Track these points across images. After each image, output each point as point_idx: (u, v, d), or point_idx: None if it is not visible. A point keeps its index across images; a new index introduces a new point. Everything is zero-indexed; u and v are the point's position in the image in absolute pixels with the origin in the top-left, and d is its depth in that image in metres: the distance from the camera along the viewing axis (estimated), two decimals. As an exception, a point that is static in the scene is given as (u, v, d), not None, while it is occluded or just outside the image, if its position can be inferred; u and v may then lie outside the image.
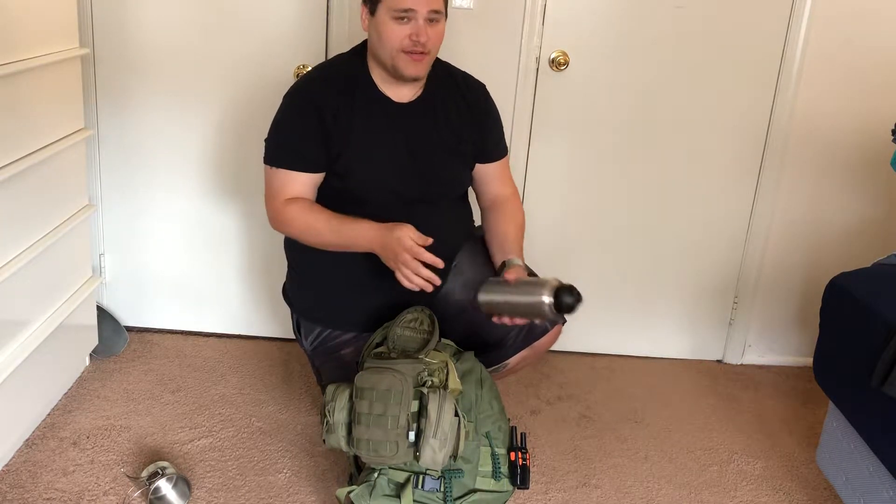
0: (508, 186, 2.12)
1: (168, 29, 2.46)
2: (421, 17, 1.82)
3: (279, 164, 1.92)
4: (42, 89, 2.05)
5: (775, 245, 2.73)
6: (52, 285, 2.21)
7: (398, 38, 1.83)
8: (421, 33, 1.83)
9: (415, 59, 1.85)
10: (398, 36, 1.83)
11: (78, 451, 2.12)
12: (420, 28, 1.83)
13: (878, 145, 2.51)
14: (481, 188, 2.11)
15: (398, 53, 1.85)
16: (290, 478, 2.09)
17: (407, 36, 1.83)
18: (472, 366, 1.88)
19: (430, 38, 1.85)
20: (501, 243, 2.02)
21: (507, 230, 2.04)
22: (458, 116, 2.00)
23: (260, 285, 2.71)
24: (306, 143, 1.90)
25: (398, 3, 1.81)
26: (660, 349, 2.86)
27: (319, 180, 1.94)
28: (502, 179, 2.11)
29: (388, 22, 1.83)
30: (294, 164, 1.91)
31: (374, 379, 1.70)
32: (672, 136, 2.61)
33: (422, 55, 1.85)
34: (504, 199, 2.09)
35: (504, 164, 2.12)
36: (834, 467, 2.00)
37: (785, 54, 2.52)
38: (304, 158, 1.91)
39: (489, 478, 1.80)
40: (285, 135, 1.93)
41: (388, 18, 1.83)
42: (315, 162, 1.91)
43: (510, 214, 2.07)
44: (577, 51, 2.50)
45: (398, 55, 1.85)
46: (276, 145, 1.94)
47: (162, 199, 2.63)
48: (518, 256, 1.99)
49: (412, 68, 1.87)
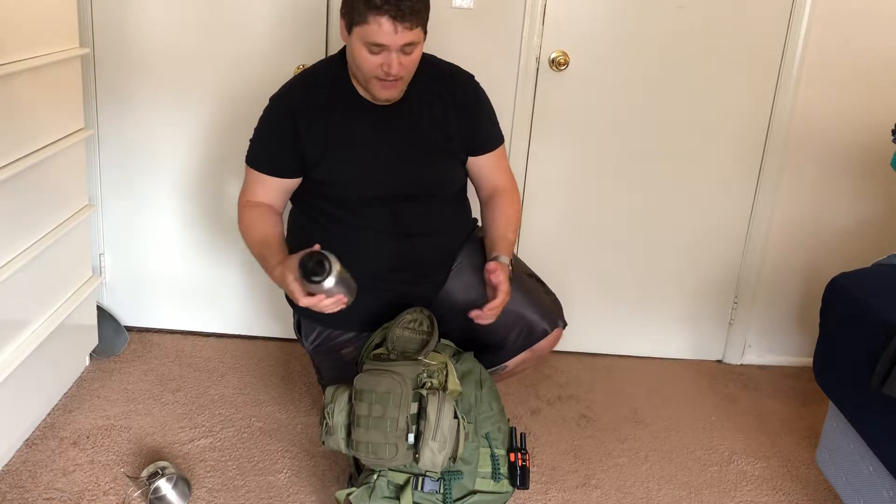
0: (506, 178, 2.08)
1: (168, 29, 2.46)
2: (393, 50, 1.77)
3: (252, 164, 1.97)
4: (42, 89, 2.05)
5: (775, 245, 2.73)
6: (52, 285, 2.21)
7: (370, 67, 1.80)
8: (393, 65, 1.78)
9: (386, 86, 1.84)
10: (370, 64, 1.80)
11: (78, 451, 2.12)
12: (392, 60, 1.78)
13: (878, 145, 2.51)
14: (478, 181, 2.09)
15: (371, 79, 1.83)
16: (289, 478, 2.09)
17: (378, 65, 1.79)
18: (472, 366, 1.88)
19: (404, 67, 1.81)
20: (493, 238, 2.01)
21: (497, 225, 2.02)
22: (444, 112, 1.97)
23: (260, 285, 2.71)
24: (278, 150, 1.93)
25: (369, 36, 1.76)
26: (660, 349, 2.86)
27: (290, 186, 1.96)
28: (499, 170, 2.08)
29: (360, 48, 1.79)
30: (265, 168, 1.95)
31: (373, 381, 1.70)
32: (672, 135, 2.61)
33: (395, 82, 1.84)
34: (500, 192, 2.06)
35: (499, 154, 2.08)
36: (834, 467, 2.00)
37: (785, 54, 2.52)
38: (275, 164, 1.94)
39: (489, 479, 1.80)
40: (261, 139, 1.96)
41: (361, 45, 1.78)
42: (285, 169, 1.94)
43: (501, 209, 2.04)
44: (577, 51, 2.50)
45: (371, 80, 1.83)
46: (254, 148, 1.98)
47: (162, 198, 2.63)
48: (505, 253, 1.96)
49: (384, 94, 1.86)
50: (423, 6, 1.79)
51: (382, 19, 1.73)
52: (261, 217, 1.94)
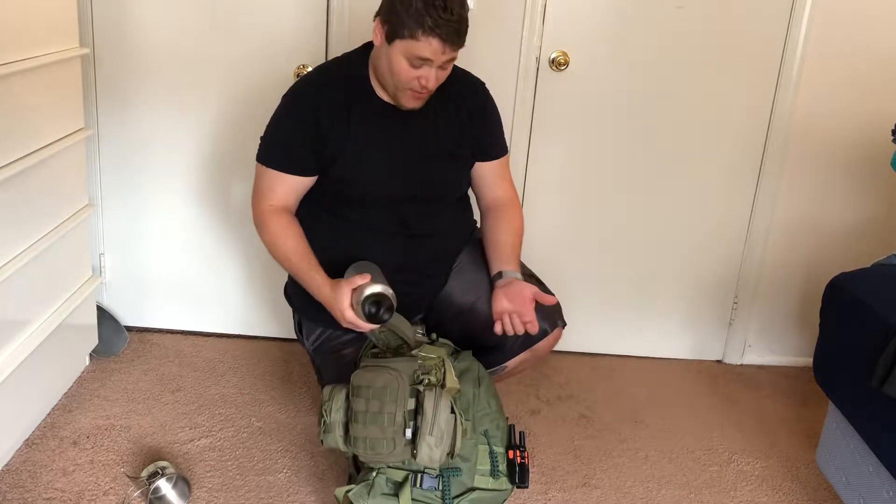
0: (508, 189, 2.10)
1: (168, 29, 2.46)
2: (436, 64, 1.78)
3: (270, 163, 1.93)
4: (42, 89, 2.05)
5: (775, 245, 2.73)
6: (51, 285, 2.21)
7: (406, 78, 1.80)
8: (431, 79, 1.80)
9: (417, 96, 1.85)
10: (407, 76, 1.80)
11: (78, 451, 2.12)
12: (431, 74, 1.79)
13: (878, 145, 2.51)
14: (480, 189, 2.09)
15: (403, 89, 1.83)
16: (289, 478, 2.09)
17: (416, 78, 1.80)
18: (470, 364, 1.88)
19: (439, 80, 1.83)
20: (498, 252, 2.01)
21: (504, 239, 2.03)
22: (457, 117, 1.99)
23: (260, 285, 2.71)
24: (298, 146, 1.90)
25: (416, 50, 1.75)
26: (660, 349, 2.86)
27: (308, 184, 1.94)
28: (502, 180, 2.09)
29: (400, 60, 1.78)
30: (284, 167, 1.92)
31: (370, 377, 1.71)
32: (672, 136, 2.61)
33: (427, 93, 1.85)
34: (502, 204, 2.08)
35: (503, 164, 2.10)
36: (834, 467, 2.00)
37: (785, 54, 2.52)
38: (295, 162, 1.92)
39: (487, 476, 1.80)
40: (279, 136, 1.94)
41: (402, 57, 1.78)
42: (305, 166, 1.92)
43: (507, 221, 2.05)
44: (577, 51, 2.50)
45: (402, 91, 1.84)
46: (269, 145, 1.95)
47: (162, 198, 2.63)
48: (514, 268, 1.98)
49: (413, 104, 1.87)
50: (467, 26, 1.79)
51: (433, 40, 1.73)
52: (288, 228, 1.92)
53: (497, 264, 2.00)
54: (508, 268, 1.98)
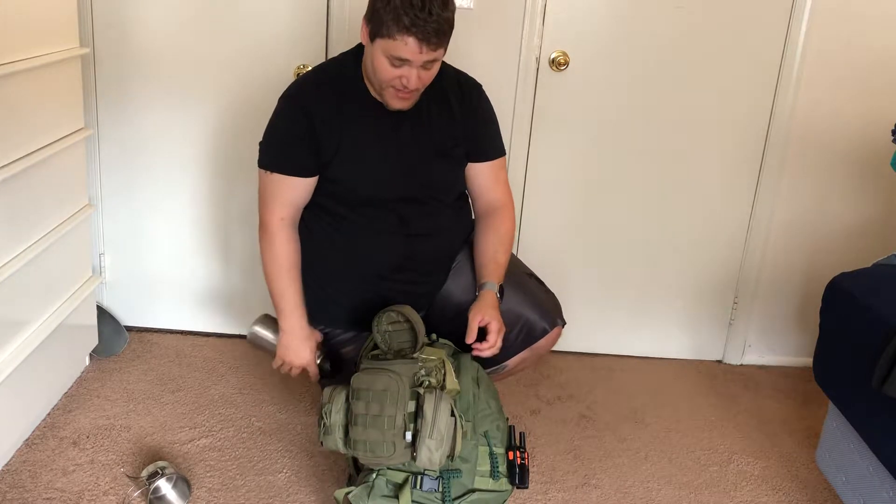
0: (503, 193, 2.08)
1: (168, 29, 2.46)
2: (416, 64, 1.77)
3: (273, 168, 1.92)
4: (42, 89, 2.05)
5: (775, 245, 2.73)
6: (51, 285, 2.21)
7: (388, 77, 1.80)
8: (411, 79, 1.78)
9: (401, 96, 1.84)
10: (389, 76, 1.79)
11: (78, 451, 2.12)
12: (412, 74, 1.78)
13: (878, 145, 2.51)
14: (475, 191, 2.08)
15: (387, 87, 1.83)
16: (289, 478, 2.09)
17: (397, 77, 1.79)
18: (470, 365, 1.88)
19: (422, 81, 1.82)
20: (482, 262, 2.02)
21: (487, 248, 2.02)
22: (451, 117, 1.98)
23: (260, 285, 2.68)
24: (298, 148, 1.90)
25: (394, 50, 1.74)
26: (660, 349, 2.86)
27: (312, 185, 1.94)
28: (496, 182, 2.07)
29: (381, 59, 1.78)
30: (287, 169, 1.91)
31: (370, 380, 1.71)
32: (672, 136, 2.61)
33: (409, 93, 1.84)
34: (494, 210, 2.06)
35: (498, 166, 2.08)
36: (834, 467, 2.00)
37: (785, 54, 2.52)
38: (297, 163, 1.91)
39: (487, 477, 1.80)
40: (277, 139, 1.94)
41: (383, 56, 1.78)
42: (307, 167, 1.92)
43: (495, 227, 2.04)
44: (577, 51, 2.51)
45: (387, 89, 1.83)
46: (270, 150, 1.94)
47: (162, 198, 2.63)
48: (494, 278, 1.97)
49: (397, 104, 1.86)
50: (450, 27, 1.78)
51: (409, 39, 1.72)
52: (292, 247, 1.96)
53: (480, 274, 2.01)
54: (489, 279, 1.97)
